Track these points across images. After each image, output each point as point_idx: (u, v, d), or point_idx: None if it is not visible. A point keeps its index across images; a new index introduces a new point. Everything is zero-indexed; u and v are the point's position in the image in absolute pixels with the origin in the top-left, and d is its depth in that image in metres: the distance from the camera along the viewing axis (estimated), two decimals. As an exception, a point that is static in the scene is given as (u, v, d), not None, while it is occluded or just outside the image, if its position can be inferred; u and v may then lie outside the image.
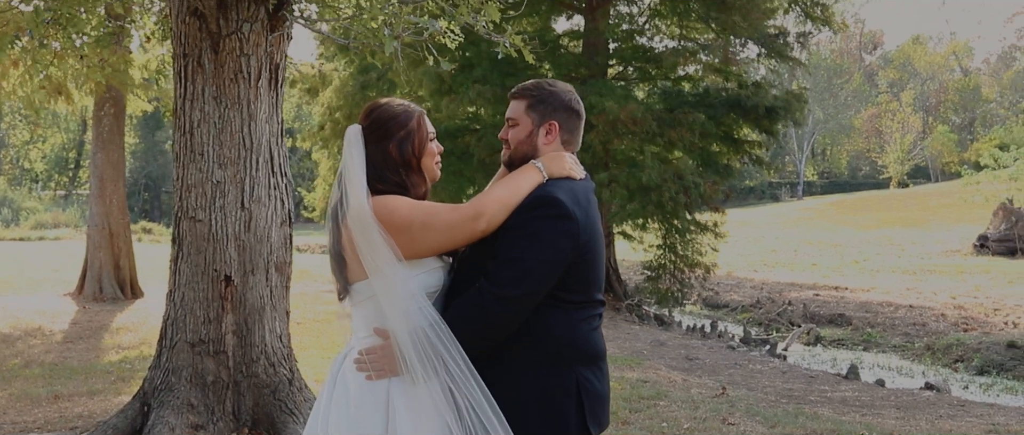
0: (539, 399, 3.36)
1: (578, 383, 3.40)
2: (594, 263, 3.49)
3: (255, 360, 6.95)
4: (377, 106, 3.54)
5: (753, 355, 15.40)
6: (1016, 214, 31.33)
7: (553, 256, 3.30)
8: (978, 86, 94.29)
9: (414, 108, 3.56)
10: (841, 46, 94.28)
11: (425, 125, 3.55)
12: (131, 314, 16.18)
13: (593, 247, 3.47)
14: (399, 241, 3.32)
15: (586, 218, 3.42)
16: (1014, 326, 17.57)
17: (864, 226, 45.49)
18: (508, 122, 3.67)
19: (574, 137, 3.67)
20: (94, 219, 18.33)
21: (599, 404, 3.48)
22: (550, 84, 3.67)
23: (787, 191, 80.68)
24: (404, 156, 3.46)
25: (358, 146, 3.46)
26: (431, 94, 19.50)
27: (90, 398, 9.38)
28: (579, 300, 3.45)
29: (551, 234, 3.30)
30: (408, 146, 3.47)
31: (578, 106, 3.67)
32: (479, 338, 3.32)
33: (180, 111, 6.98)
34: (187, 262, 6.92)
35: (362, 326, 3.48)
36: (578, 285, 3.43)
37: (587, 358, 3.46)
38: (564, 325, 3.41)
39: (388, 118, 3.48)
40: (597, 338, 3.53)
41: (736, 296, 24.07)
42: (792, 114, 19.07)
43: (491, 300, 3.26)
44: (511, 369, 3.37)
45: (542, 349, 3.37)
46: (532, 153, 3.59)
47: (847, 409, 10.15)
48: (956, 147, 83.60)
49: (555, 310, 3.39)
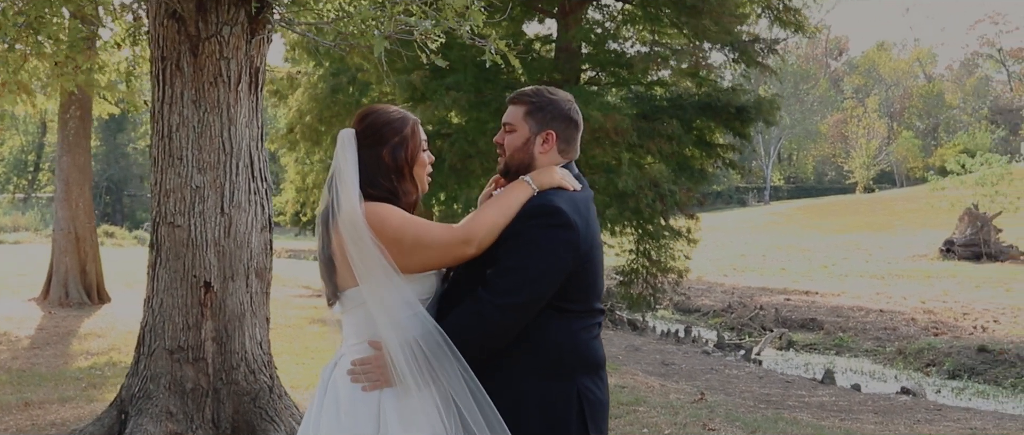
0: (540, 408, 3.32)
1: (579, 392, 3.37)
2: (594, 272, 3.46)
3: (235, 367, 6.84)
4: (373, 111, 3.51)
5: (728, 360, 15.43)
6: (981, 219, 31.65)
7: (553, 265, 3.26)
8: (941, 92, 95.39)
9: (409, 116, 3.53)
10: (807, 52, 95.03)
11: (419, 133, 3.51)
12: (99, 319, 15.95)
13: (593, 256, 3.44)
14: (389, 252, 3.28)
15: (586, 227, 3.38)
16: (983, 330, 17.71)
17: (831, 231, 45.82)
18: (505, 127, 3.63)
19: (571, 147, 3.62)
20: (60, 223, 18.04)
21: (600, 412, 3.45)
22: (550, 92, 3.63)
23: (754, 196, 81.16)
24: (397, 162, 3.43)
25: (351, 150, 3.41)
26: (405, 100, 19.39)
27: (61, 405, 9.20)
28: (579, 309, 3.41)
29: (551, 243, 3.27)
30: (401, 153, 3.43)
31: (577, 116, 3.63)
32: (478, 346, 3.28)
33: (158, 115, 6.86)
34: (166, 268, 6.80)
35: (352, 333, 3.44)
36: (578, 294, 3.39)
37: (588, 366, 3.42)
38: (565, 334, 3.37)
39: (383, 123, 3.45)
40: (597, 346, 3.49)
41: (707, 301, 24.14)
42: (764, 114, 19.13)
43: (490, 308, 3.22)
44: (512, 378, 3.33)
45: (543, 358, 3.34)
46: (528, 161, 3.55)
47: (826, 414, 10.17)
48: (920, 152, 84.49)
49: (556, 319, 3.35)
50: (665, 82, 21.28)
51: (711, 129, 20.00)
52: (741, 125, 19.33)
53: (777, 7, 20.16)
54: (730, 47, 19.95)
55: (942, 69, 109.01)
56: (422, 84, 18.67)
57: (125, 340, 13.71)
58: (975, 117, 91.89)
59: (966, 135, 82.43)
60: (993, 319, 18.85)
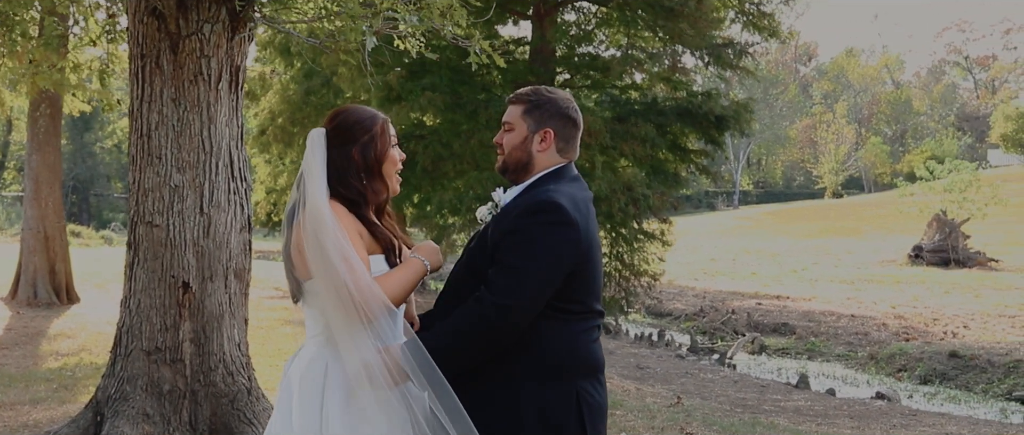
0: (539, 413, 3.28)
1: (578, 395, 3.32)
2: (593, 272, 3.41)
3: (213, 369, 6.75)
4: (343, 110, 3.52)
5: (702, 364, 15.46)
6: (950, 225, 31.93)
7: (554, 262, 3.22)
8: (909, 99, 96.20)
9: (379, 114, 3.52)
10: (776, 57, 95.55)
11: (388, 131, 3.50)
12: (68, 320, 15.74)
13: (593, 256, 3.38)
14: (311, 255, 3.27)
15: (586, 226, 3.34)
16: (953, 336, 17.85)
17: (801, 235, 46.07)
18: (504, 126, 3.59)
19: (570, 146, 3.58)
20: (29, 222, 17.79)
21: (599, 417, 3.41)
22: (549, 91, 3.60)
23: (723, 200, 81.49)
24: (367, 161, 3.42)
25: (321, 149, 3.42)
26: (380, 101, 19.30)
27: (33, 407, 9.06)
28: (579, 310, 3.36)
29: (552, 241, 3.23)
30: (371, 151, 3.43)
31: (576, 115, 3.60)
32: (481, 348, 3.23)
33: (136, 113, 6.76)
34: (143, 268, 6.70)
35: (312, 326, 3.43)
36: (577, 294, 3.34)
37: (588, 370, 3.38)
38: (564, 337, 3.32)
39: (353, 122, 3.45)
40: (597, 349, 3.45)
41: (679, 305, 24.20)
42: (740, 123, 19.20)
43: (492, 309, 3.17)
44: (511, 381, 3.29)
45: (543, 361, 3.29)
46: (526, 159, 3.51)
47: (802, 419, 10.19)
48: (889, 158, 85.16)
49: (555, 321, 3.30)
50: (639, 86, 21.31)
51: (685, 134, 20.04)
52: (717, 132, 19.39)
53: (751, 12, 20.24)
54: (704, 51, 20.01)
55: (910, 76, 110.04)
56: (398, 85, 18.60)
57: (96, 341, 13.55)
58: (942, 124, 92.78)
59: (933, 141, 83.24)
60: (963, 325, 19.00)
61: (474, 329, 3.20)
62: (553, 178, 3.46)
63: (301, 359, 3.42)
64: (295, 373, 3.38)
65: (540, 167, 3.50)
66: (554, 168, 3.51)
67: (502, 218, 3.39)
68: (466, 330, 3.21)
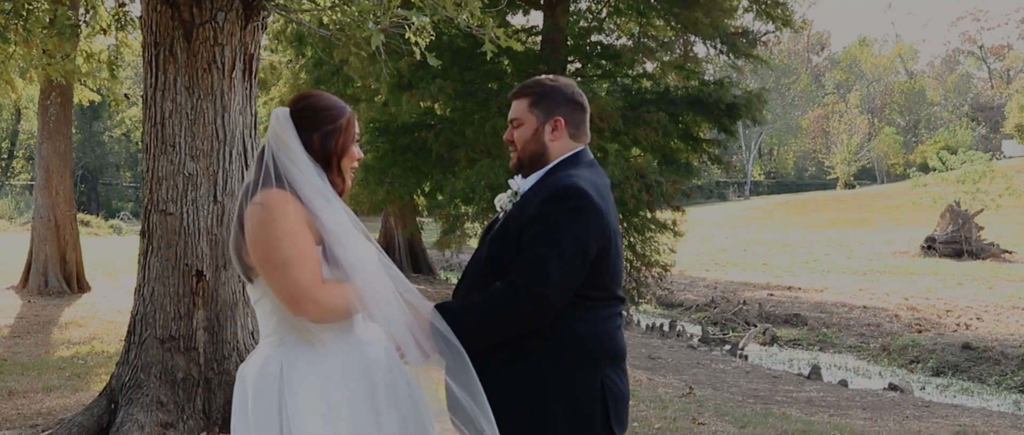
0: (565, 402, 3.26)
1: (603, 385, 3.31)
2: (615, 259, 3.38)
3: (227, 357, 6.75)
4: (310, 95, 3.38)
5: (714, 355, 15.44)
6: (963, 216, 31.78)
7: (581, 250, 3.20)
8: (923, 89, 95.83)
9: (347, 107, 3.39)
10: (789, 47, 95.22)
11: (354, 126, 3.38)
12: (79, 309, 15.79)
13: (615, 242, 3.36)
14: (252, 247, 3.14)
15: (607, 211, 3.32)
16: (966, 327, 17.78)
17: (812, 226, 45.96)
18: (512, 123, 3.56)
19: (581, 131, 3.56)
20: (39, 211, 17.83)
21: (623, 406, 3.40)
22: (551, 79, 3.58)
23: (734, 190, 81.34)
24: (326, 151, 3.28)
25: (292, 128, 3.25)
26: (391, 89, 19.28)
27: (46, 395, 9.09)
28: (602, 296, 3.34)
29: (578, 228, 3.21)
30: (331, 142, 3.29)
31: (581, 98, 3.58)
32: (506, 332, 3.23)
33: (150, 101, 6.76)
34: (157, 256, 6.70)
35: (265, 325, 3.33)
36: (601, 281, 3.32)
37: (612, 358, 3.36)
38: (589, 324, 3.30)
39: (319, 108, 3.31)
40: (620, 337, 3.43)
41: (690, 295, 24.17)
42: (752, 112, 19.14)
43: (526, 296, 3.15)
44: (536, 370, 3.27)
45: (568, 350, 3.27)
46: (540, 151, 3.48)
47: (814, 409, 10.16)
48: (901, 149, 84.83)
49: (579, 309, 3.28)
50: (651, 75, 21.26)
51: (697, 123, 19.99)
52: (729, 121, 19.34)
53: (764, 0, 20.17)
54: (717, 40, 19.95)
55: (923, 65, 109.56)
56: (409, 72, 18.57)
57: (107, 329, 13.59)
58: (956, 114, 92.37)
59: (947, 132, 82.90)
60: (976, 316, 18.94)
61: (505, 313, 3.18)
62: (571, 163, 3.44)
63: (254, 361, 3.30)
64: (249, 375, 3.27)
65: (555, 155, 3.48)
66: (570, 154, 3.48)
67: (525, 205, 3.36)
68: (496, 313, 3.20)
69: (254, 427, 3.19)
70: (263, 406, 3.19)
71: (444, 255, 29.30)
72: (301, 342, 3.21)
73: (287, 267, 3.08)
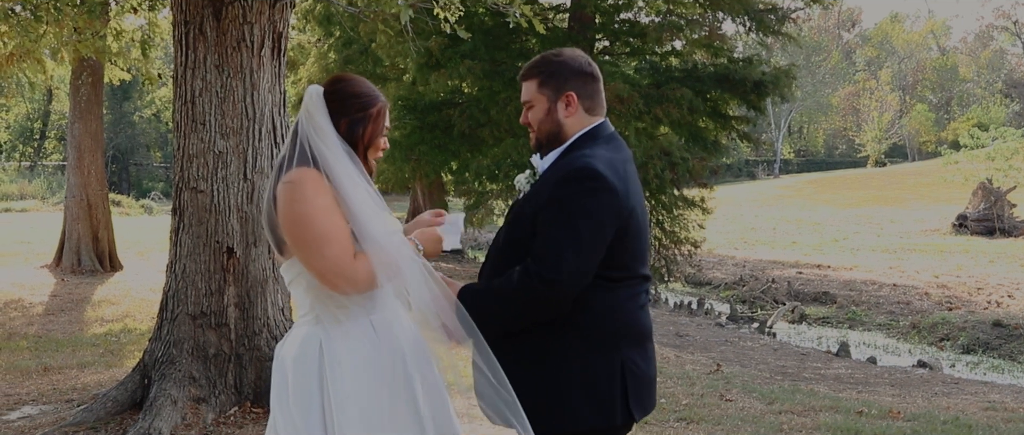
0: (583, 385, 3.23)
1: (623, 367, 3.26)
2: (638, 236, 3.32)
3: (257, 333, 6.84)
4: (345, 79, 3.38)
5: (742, 332, 15.41)
6: (995, 194, 31.50)
7: (596, 232, 3.14)
8: (955, 65, 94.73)
9: (380, 97, 3.39)
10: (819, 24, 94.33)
11: (384, 117, 3.39)
12: (111, 287, 15.97)
13: (636, 219, 3.29)
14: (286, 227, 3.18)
15: (626, 189, 3.25)
16: (997, 305, 17.66)
17: (842, 204, 45.66)
18: (525, 105, 3.50)
19: (596, 103, 3.47)
20: (72, 190, 18.00)
21: (645, 388, 3.35)
22: (556, 54, 3.50)
23: (764, 169, 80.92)
24: (352, 138, 3.28)
25: (325, 109, 3.27)
26: (419, 68, 19.31)
27: (80, 371, 9.23)
28: (624, 276, 3.29)
29: (592, 209, 3.14)
30: (359, 129, 3.30)
31: (591, 68, 3.48)
32: (523, 318, 3.20)
33: (181, 79, 6.82)
34: (188, 233, 6.78)
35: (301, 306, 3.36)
36: (622, 260, 3.27)
37: (635, 339, 3.32)
38: (610, 304, 3.26)
39: (352, 94, 3.32)
40: (644, 317, 3.38)
41: (719, 273, 24.11)
42: (780, 89, 19.02)
43: (539, 282, 3.10)
44: (556, 352, 3.24)
45: (588, 331, 3.23)
46: (556, 130, 3.42)
47: (842, 386, 10.15)
48: (933, 126, 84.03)
49: (600, 289, 3.22)
50: (679, 52, 21.16)
51: (725, 100, 19.89)
52: (757, 98, 19.23)
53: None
54: (746, 16, 19.81)
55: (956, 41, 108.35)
56: (439, 51, 18.58)
57: (139, 307, 13.75)
58: (989, 90, 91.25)
59: (980, 108, 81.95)
60: (1007, 294, 18.80)
61: (521, 300, 3.16)
62: (588, 140, 3.37)
63: (292, 340, 3.33)
64: (288, 354, 3.30)
65: (572, 132, 3.41)
66: (587, 129, 3.42)
67: (540, 187, 3.31)
68: (512, 300, 3.17)
69: (294, 405, 3.21)
70: (303, 384, 3.22)
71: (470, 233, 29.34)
72: (336, 320, 3.25)
73: (319, 244, 3.11)
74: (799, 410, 8.31)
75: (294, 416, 3.20)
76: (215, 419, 6.61)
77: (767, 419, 7.87)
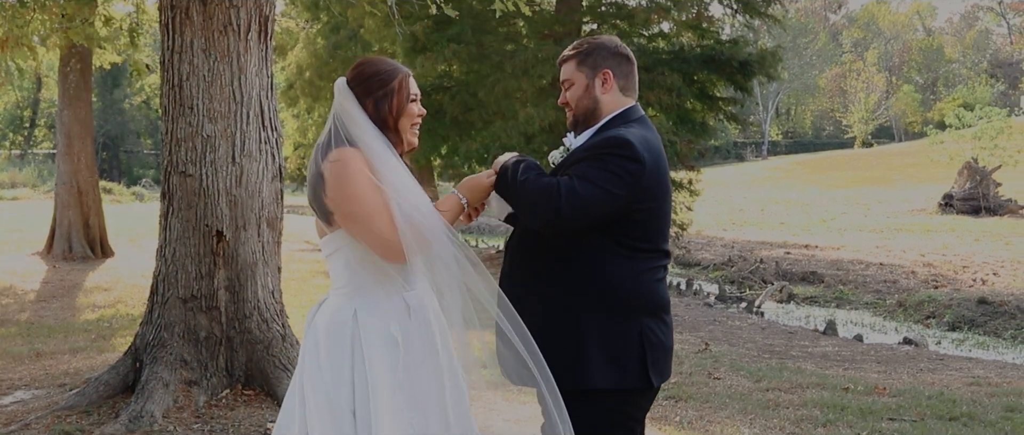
0: (601, 349, 3.39)
1: (641, 334, 3.42)
2: (661, 212, 3.50)
3: (248, 316, 6.88)
4: (363, 62, 3.55)
5: (730, 312, 15.50)
6: (981, 173, 31.65)
7: (616, 188, 3.29)
8: (941, 46, 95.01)
9: (401, 68, 3.54)
10: (806, 5, 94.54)
11: (408, 87, 3.53)
12: (103, 273, 16.01)
13: (660, 195, 3.47)
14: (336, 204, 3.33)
15: (655, 165, 3.42)
16: (983, 283, 17.79)
17: (830, 185, 45.85)
18: (563, 85, 3.69)
19: (630, 84, 3.68)
20: (62, 177, 18.01)
21: (662, 355, 3.50)
22: (594, 38, 3.72)
23: (752, 150, 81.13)
24: (380, 114, 3.44)
25: (351, 96, 3.46)
26: (406, 53, 19.31)
27: (73, 356, 9.28)
28: (645, 248, 3.46)
29: (617, 169, 3.30)
30: (385, 105, 3.45)
31: (626, 51, 3.69)
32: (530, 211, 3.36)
33: (168, 64, 6.84)
34: (178, 217, 6.82)
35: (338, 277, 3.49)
36: (645, 233, 3.44)
37: (652, 309, 3.47)
38: (628, 275, 3.42)
39: (371, 75, 3.47)
40: (662, 289, 3.54)
41: (707, 254, 24.20)
42: (767, 69, 19.08)
43: (567, 186, 3.26)
44: (575, 317, 3.40)
45: (607, 299, 3.39)
46: (593, 106, 3.61)
47: (829, 363, 10.25)
48: (920, 107, 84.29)
49: (620, 259, 3.40)
50: (667, 35, 21.19)
51: (713, 82, 19.93)
52: (743, 79, 19.27)
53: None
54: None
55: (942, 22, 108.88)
56: (424, 35, 18.58)
57: (131, 293, 13.79)
58: (975, 71, 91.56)
59: (965, 89, 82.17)
60: (993, 272, 18.93)
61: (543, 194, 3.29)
62: (621, 120, 3.56)
63: (326, 309, 3.45)
64: (321, 322, 3.42)
65: (608, 110, 3.60)
66: (620, 111, 3.60)
67: (574, 154, 3.51)
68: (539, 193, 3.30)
69: (327, 370, 3.32)
70: (337, 350, 3.34)
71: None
72: (372, 293, 3.40)
73: (371, 218, 3.27)
74: (786, 387, 8.41)
75: (327, 381, 3.32)
76: (207, 401, 6.66)
77: (755, 396, 7.97)
